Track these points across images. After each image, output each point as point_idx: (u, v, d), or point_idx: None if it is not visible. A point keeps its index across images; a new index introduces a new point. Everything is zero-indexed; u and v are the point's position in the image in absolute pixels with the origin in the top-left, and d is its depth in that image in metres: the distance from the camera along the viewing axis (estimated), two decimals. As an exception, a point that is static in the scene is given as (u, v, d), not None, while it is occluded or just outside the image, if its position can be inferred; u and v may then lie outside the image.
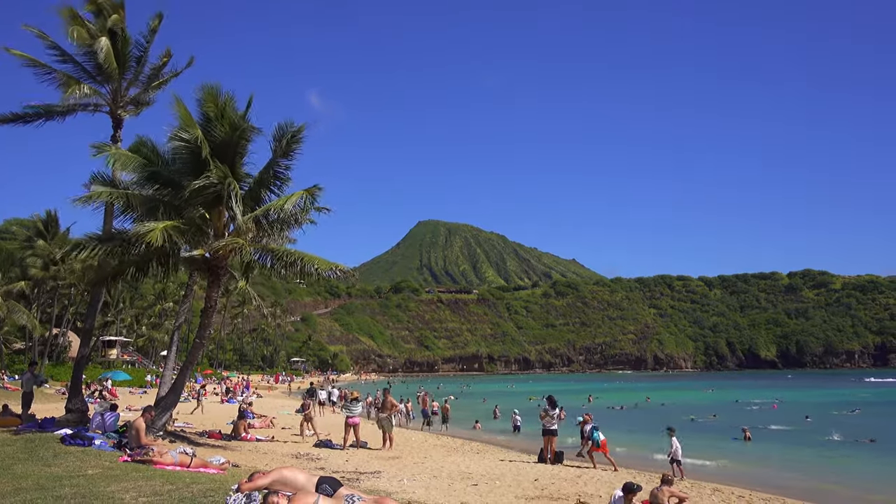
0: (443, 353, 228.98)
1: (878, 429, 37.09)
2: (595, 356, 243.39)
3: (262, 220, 20.74)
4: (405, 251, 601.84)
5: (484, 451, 25.25)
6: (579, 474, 18.76)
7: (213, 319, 21.69)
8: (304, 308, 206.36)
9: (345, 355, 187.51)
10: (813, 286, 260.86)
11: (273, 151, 20.12)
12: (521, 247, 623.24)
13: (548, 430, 21.60)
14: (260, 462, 16.86)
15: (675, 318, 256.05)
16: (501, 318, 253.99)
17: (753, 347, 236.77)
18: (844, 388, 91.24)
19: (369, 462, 19.13)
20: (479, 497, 13.62)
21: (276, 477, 8.97)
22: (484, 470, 18.51)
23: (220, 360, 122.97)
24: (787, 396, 70.81)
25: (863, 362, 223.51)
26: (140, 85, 24.02)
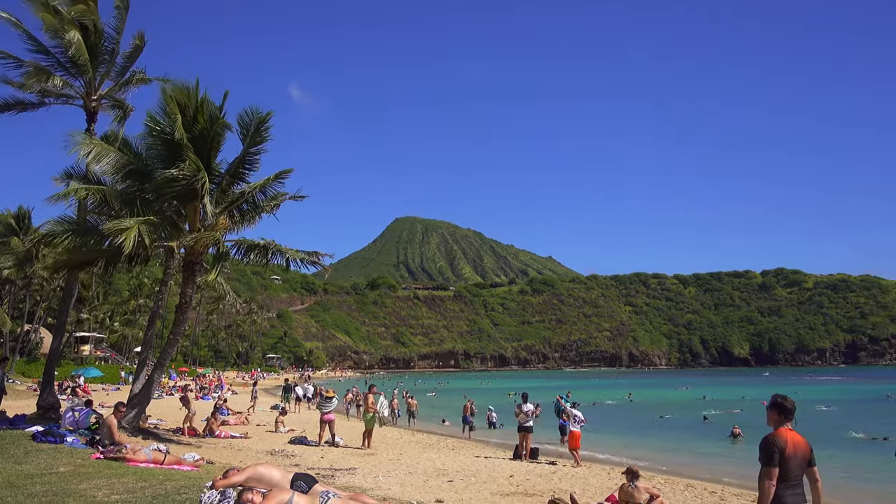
0: (419, 349, 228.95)
1: (854, 424, 37.56)
2: (570, 353, 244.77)
3: (235, 212, 20.67)
4: (382, 247, 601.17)
5: (459, 448, 25.31)
6: (554, 471, 18.88)
7: (187, 315, 21.59)
8: (279, 304, 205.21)
9: (321, 352, 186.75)
10: (786, 285, 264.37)
11: (242, 141, 20.06)
12: (498, 244, 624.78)
13: (523, 427, 21.68)
14: (234, 459, 16.78)
15: (650, 316, 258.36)
16: (478, 315, 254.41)
17: (727, 345, 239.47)
18: (818, 386, 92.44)
19: (344, 458, 19.11)
20: (454, 493, 13.66)
21: (251, 474, 8.95)
22: (459, 466, 18.56)
23: (195, 356, 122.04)
24: (754, 393, 71.56)
25: (834, 360, 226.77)
26: (114, 77, 23.73)
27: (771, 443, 6.34)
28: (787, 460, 6.28)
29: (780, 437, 6.39)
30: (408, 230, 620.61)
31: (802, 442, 6.49)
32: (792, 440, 6.39)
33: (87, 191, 19.29)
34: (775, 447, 6.30)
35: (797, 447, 6.39)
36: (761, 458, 6.35)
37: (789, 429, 6.50)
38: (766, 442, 6.36)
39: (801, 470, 6.41)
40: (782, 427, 6.50)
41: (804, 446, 6.46)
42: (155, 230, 18.78)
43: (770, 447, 6.31)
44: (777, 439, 6.36)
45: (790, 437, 6.42)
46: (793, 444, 6.36)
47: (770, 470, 6.25)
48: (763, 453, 6.34)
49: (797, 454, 6.36)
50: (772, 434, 6.46)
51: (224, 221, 20.14)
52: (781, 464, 6.27)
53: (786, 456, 6.28)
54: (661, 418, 44.53)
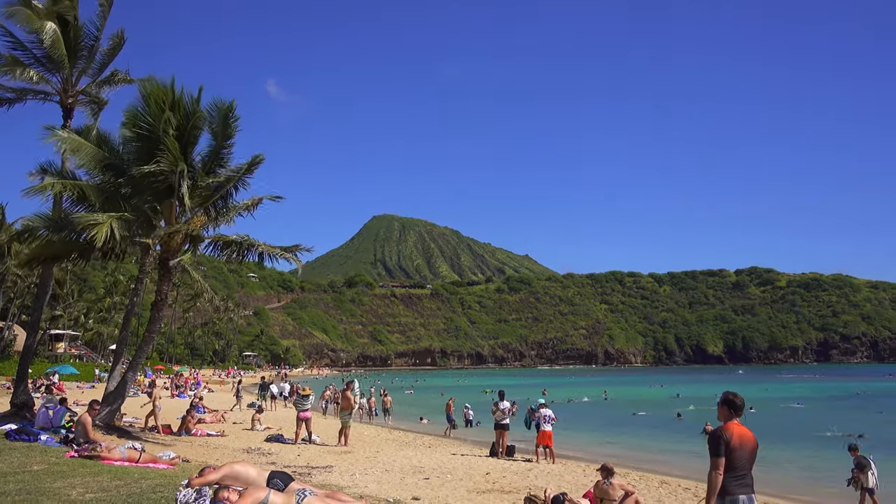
0: (396, 347, 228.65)
1: (827, 422, 38.10)
2: (547, 351, 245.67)
3: (211, 209, 20.56)
4: (359, 245, 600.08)
5: (436, 445, 25.36)
6: (530, 468, 19.00)
7: (163, 313, 21.44)
8: (256, 302, 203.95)
9: (297, 349, 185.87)
10: (759, 283, 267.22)
11: (213, 135, 19.97)
12: (476, 242, 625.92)
13: (499, 425, 21.76)
14: (211, 457, 16.72)
15: (626, 314, 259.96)
16: (455, 312, 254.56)
17: (701, 343, 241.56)
18: (791, 384, 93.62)
19: (321, 456, 19.11)
20: (430, 491, 13.73)
21: (227, 472, 8.94)
22: (436, 464, 18.62)
23: (171, 354, 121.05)
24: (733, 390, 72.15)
25: (806, 358, 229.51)
26: (92, 74, 23.47)
27: (718, 436, 6.71)
28: (732, 451, 6.62)
29: (728, 431, 6.74)
30: (385, 228, 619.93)
31: (750, 436, 6.84)
32: (739, 434, 6.74)
33: (63, 186, 19.09)
34: (722, 440, 6.66)
35: (744, 441, 6.74)
36: (710, 450, 6.69)
37: (738, 423, 6.86)
38: (714, 435, 6.76)
39: (748, 462, 6.74)
40: (731, 422, 6.88)
41: (752, 440, 6.82)
42: (128, 226, 18.63)
43: (717, 440, 6.68)
44: (724, 433, 6.72)
45: (737, 431, 6.76)
46: (739, 438, 6.72)
47: (717, 461, 6.60)
48: (711, 446, 6.69)
49: (744, 447, 6.71)
50: (720, 428, 6.84)
51: (201, 218, 20.04)
52: (728, 455, 6.61)
53: (731, 447, 6.62)
54: (635, 415, 44.88)
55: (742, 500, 6.64)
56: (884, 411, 47.24)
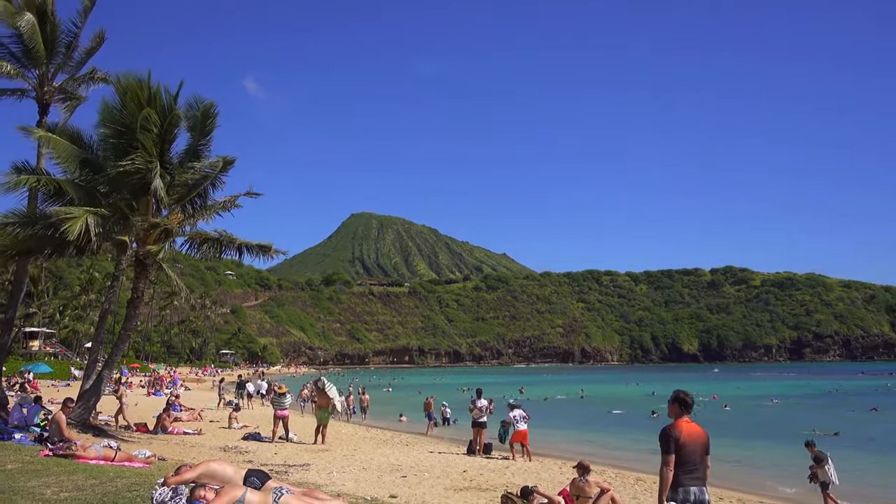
0: (374, 345, 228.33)
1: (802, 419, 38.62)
2: (524, 349, 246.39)
3: (188, 206, 20.45)
4: (337, 243, 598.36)
5: (413, 444, 25.42)
6: (507, 465, 19.10)
7: (140, 311, 21.29)
8: (233, 300, 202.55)
9: (275, 347, 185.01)
10: (734, 282, 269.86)
11: (191, 133, 19.87)
12: (453, 240, 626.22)
13: (477, 423, 21.85)
14: (187, 455, 16.64)
15: (602, 312, 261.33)
16: (433, 311, 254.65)
17: (676, 341, 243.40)
18: (765, 382, 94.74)
19: (298, 455, 19.09)
20: (407, 489, 13.78)
21: (204, 470, 8.92)
22: (413, 462, 18.67)
23: (147, 352, 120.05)
24: (701, 389, 73.01)
25: (780, 356, 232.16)
26: (70, 70, 23.21)
27: (668, 433, 7.01)
28: (683, 447, 6.92)
29: (677, 428, 7.04)
30: (363, 226, 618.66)
31: (700, 431, 7.16)
32: (688, 430, 7.05)
33: (39, 180, 18.89)
34: (671, 437, 6.96)
35: (693, 436, 7.05)
36: (661, 447, 7.01)
37: (688, 420, 7.17)
38: (663, 432, 7.07)
39: (698, 457, 7.03)
40: (681, 419, 7.16)
41: (701, 435, 7.15)
42: (105, 221, 18.49)
43: (667, 437, 6.99)
44: (673, 430, 7.01)
45: (686, 427, 7.07)
46: (688, 434, 7.02)
47: (667, 458, 6.91)
48: (662, 443, 7.01)
49: (693, 442, 7.02)
50: (669, 426, 7.12)
51: (178, 215, 19.92)
52: (679, 451, 6.90)
53: (681, 444, 6.92)
54: (610, 413, 45.18)
55: (694, 493, 6.93)
56: (856, 409, 47.99)
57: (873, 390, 70.40)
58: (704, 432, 7.24)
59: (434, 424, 33.29)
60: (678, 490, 6.91)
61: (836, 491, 16.14)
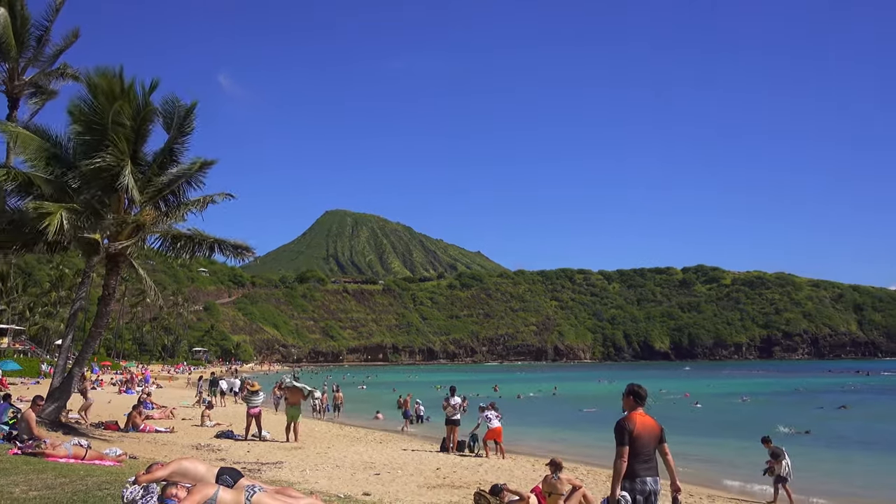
0: (348, 343, 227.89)
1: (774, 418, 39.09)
2: (498, 347, 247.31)
3: (161, 204, 20.27)
4: (311, 241, 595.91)
5: (387, 441, 25.42)
6: (480, 463, 19.17)
7: (111, 308, 21.07)
8: (207, 297, 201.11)
9: (248, 345, 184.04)
10: (705, 281, 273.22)
11: (167, 131, 19.69)
12: (428, 238, 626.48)
13: (450, 420, 21.91)
14: (159, 453, 16.53)
15: (576, 311, 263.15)
16: (407, 308, 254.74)
17: (648, 339, 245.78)
18: (735, 380, 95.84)
19: (271, 453, 19.02)
20: (381, 486, 13.79)
21: (175, 468, 8.87)
22: (386, 459, 18.68)
23: (119, 349, 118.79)
24: (672, 387, 73.74)
25: (749, 354, 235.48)
26: (41, 65, 22.92)
27: (622, 426, 7.27)
28: (637, 439, 7.19)
29: (631, 421, 7.31)
30: (337, 223, 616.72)
31: (652, 423, 7.45)
32: (641, 422, 7.34)
33: (8, 174, 18.62)
34: (626, 429, 7.22)
35: (646, 428, 7.34)
36: (615, 439, 7.25)
37: (641, 413, 7.45)
38: (618, 425, 7.32)
39: (652, 448, 7.34)
40: (634, 411, 7.44)
41: (654, 427, 7.44)
42: (78, 217, 18.29)
43: (622, 430, 7.24)
44: (627, 423, 7.29)
45: (640, 419, 7.35)
46: (642, 426, 7.30)
47: (621, 449, 7.17)
48: (616, 435, 7.26)
49: (647, 434, 7.31)
50: (623, 418, 7.39)
51: (150, 213, 19.74)
52: (632, 443, 7.18)
53: (635, 436, 7.19)
54: (583, 411, 45.46)
55: (649, 483, 7.21)
56: (825, 406, 48.77)
57: (840, 388, 71.63)
58: (658, 424, 7.50)
59: (410, 422, 33.36)
60: (635, 480, 7.18)
61: (798, 487, 16.45)
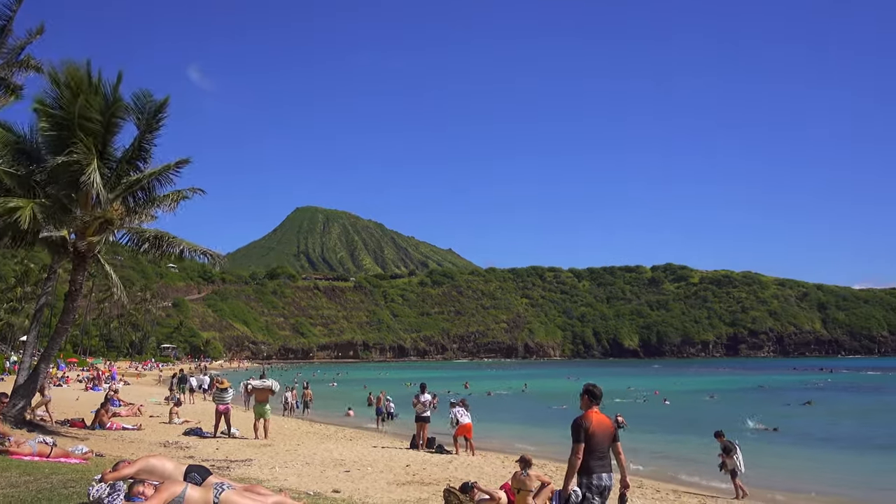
0: (318, 340, 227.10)
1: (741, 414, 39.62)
2: (468, 344, 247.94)
3: (130, 200, 20.03)
4: (282, 237, 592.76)
5: (357, 438, 25.41)
6: (450, 460, 19.24)
7: (77, 304, 20.77)
8: (176, 293, 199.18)
9: (217, 342, 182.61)
10: (674, 279, 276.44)
11: (138, 126, 19.45)
12: (399, 235, 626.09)
13: (420, 417, 21.96)
14: (126, 451, 16.36)
15: (546, 308, 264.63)
16: (378, 305, 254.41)
17: (618, 337, 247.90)
18: (702, 377, 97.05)
19: (240, 450, 18.91)
20: (350, 483, 13.78)
21: (143, 466, 8.81)
22: (356, 456, 18.66)
23: (85, 346, 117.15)
24: (643, 384, 74.50)
25: (716, 352, 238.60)
26: (3, 56, 22.50)
27: (579, 423, 7.59)
28: (592, 437, 7.51)
29: (587, 419, 7.63)
30: (309, 220, 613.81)
31: (607, 422, 7.79)
32: (597, 420, 7.66)
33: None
34: (582, 427, 7.55)
35: (602, 427, 7.66)
36: (572, 436, 7.56)
37: (597, 411, 7.77)
38: (575, 423, 7.64)
39: (606, 445, 7.67)
40: (590, 410, 7.76)
41: (609, 426, 7.77)
42: (45, 212, 18.03)
43: (578, 427, 7.57)
44: (584, 421, 7.60)
45: (596, 417, 7.68)
46: (598, 424, 7.63)
47: (577, 446, 7.49)
48: (573, 432, 7.57)
49: (602, 432, 7.63)
50: (580, 416, 7.70)
51: (118, 208, 19.49)
52: (588, 440, 7.49)
53: (591, 433, 7.51)
54: (551, 408, 45.76)
55: (604, 478, 7.55)
56: (791, 403, 49.68)
57: (805, 385, 72.91)
58: (612, 423, 7.83)
59: (383, 419, 33.36)
60: (591, 476, 7.50)
61: (767, 484, 16.74)
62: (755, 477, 20.55)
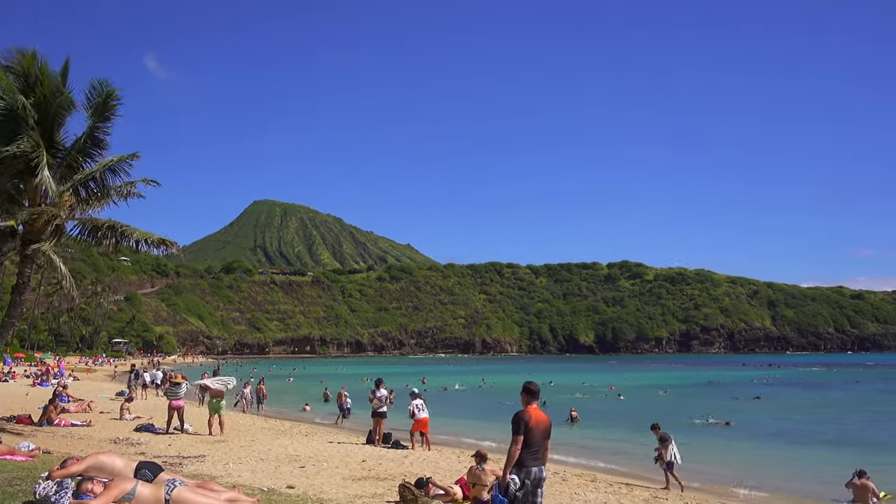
0: (274, 335, 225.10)
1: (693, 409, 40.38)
2: (426, 340, 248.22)
3: (81, 191, 19.63)
4: (239, 231, 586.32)
5: (313, 434, 25.30)
6: (406, 455, 19.26)
7: (25, 297, 20.30)
8: (128, 287, 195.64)
9: (171, 337, 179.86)
10: (629, 276, 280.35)
11: (89, 116, 19.06)
12: (358, 230, 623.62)
13: (376, 413, 21.94)
14: (75, 448, 16.08)
15: (503, 304, 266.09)
16: (335, 301, 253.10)
17: (574, 333, 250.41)
18: (655, 372, 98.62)
19: (194, 446, 18.71)
20: (305, 479, 13.72)
21: (92, 463, 8.68)
22: (312, 452, 18.59)
23: (34, 340, 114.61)
24: (599, 379, 75.41)
25: (669, 348, 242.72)
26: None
27: (519, 417, 8.06)
28: (530, 431, 7.98)
29: (527, 414, 8.10)
30: (266, 214, 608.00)
31: (545, 418, 8.28)
32: (536, 416, 8.15)
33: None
34: (522, 421, 8.01)
35: (539, 422, 8.15)
36: (512, 429, 8.01)
37: (535, 407, 8.28)
38: (515, 417, 8.11)
39: (542, 440, 8.17)
40: (529, 406, 8.24)
41: (546, 421, 8.27)
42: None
43: (518, 421, 8.03)
44: (524, 415, 8.07)
45: (534, 413, 8.16)
46: (536, 419, 8.12)
47: (517, 438, 7.94)
48: (513, 425, 8.03)
49: (539, 427, 8.12)
50: (520, 411, 8.16)
51: (69, 199, 19.09)
52: (526, 434, 7.96)
53: (529, 427, 7.99)
54: (507, 404, 46.08)
55: (534, 472, 8.01)
56: (740, 397, 50.85)
57: (753, 381, 74.64)
58: (548, 419, 8.33)
59: (344, 415, 33.26)
60: (521, 469, 7.96)
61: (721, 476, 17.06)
62: (709, 470, 21.01)
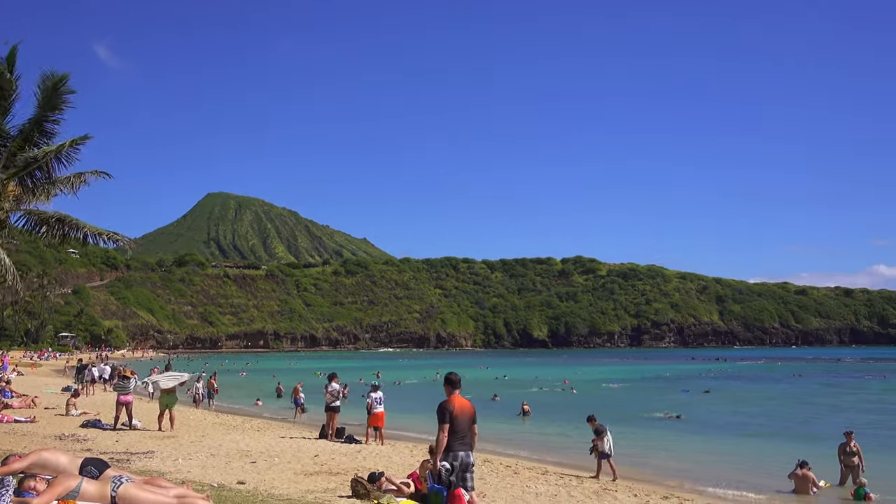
0: (227, 329, 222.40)
1: (642, 402, 40.97)
2: (381, 334, 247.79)
3: (27, 181, 19.15)
4: (192, 223, 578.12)
5: (265, 429, 25.10)
6: (359, 449, 19.25)
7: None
8: (76, 280, 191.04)
9: (121, 331, 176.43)
10: (583, 272, 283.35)
11: (38, 103, 18.60)
12: (314, 224, 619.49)
13: (330, 407, 21.86)
14: (17, 444, 15.73)
15: (459, 299, 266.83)
16: (290, 294, 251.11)
17: (528, 327, 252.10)
18: (607, 366, 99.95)
19: (142, 442, 18.44)
20: (256, 474, 13.63)
21: (35, 459, 8.48)
22: (263, 447, 18.47)
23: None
24: (552, 374, 76.17)
25: (621, 342, 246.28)
26: None
27: (444, 407, 8.67)
28: (455, 419, 8.59)
29: (451, 403, 8.73)
30: (220, 206, 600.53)
31: (468, 405, 8.91)
32: (459, 404, 8.78)
33: None
34: (447, 410, 8.63)
35: (463, 410, 8.78)
36: (438, 418, 8.61)
37: (458, 396, 8.89)
38: (440, 406, 8.71)
39: (467, 426, 8.76)
40: (453, 395, 8.85)
41: (469, 408, 8.90)
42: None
43: (443, 410, 8.65)
44: (448, 404, 8.70)
45: (458, 402, 8.79)
46: (460, 407, 8.74)
47: (443, 426, 8.55)
48: (438, 414, 8.64)
49: (464, 414, 8.74)
50: (444, 401, 8.77)
51: (14, 189, 18.59)
52: (452, 422, 8.56)
53: (454, 415, 8.59)
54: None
55: (461, 456, 8.60)
56: (690, 390, 51.89)
57: (701, 374, 76.27)
58: (472, 406, 8.94)
59: (301, 410, 33.02)
60: (449, 454, 8.57)
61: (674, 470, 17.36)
62: (657, 463, 21.38)
